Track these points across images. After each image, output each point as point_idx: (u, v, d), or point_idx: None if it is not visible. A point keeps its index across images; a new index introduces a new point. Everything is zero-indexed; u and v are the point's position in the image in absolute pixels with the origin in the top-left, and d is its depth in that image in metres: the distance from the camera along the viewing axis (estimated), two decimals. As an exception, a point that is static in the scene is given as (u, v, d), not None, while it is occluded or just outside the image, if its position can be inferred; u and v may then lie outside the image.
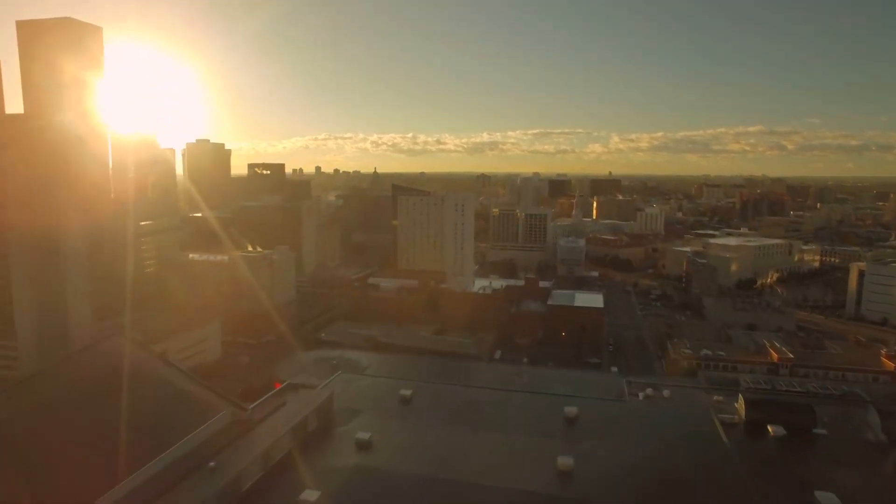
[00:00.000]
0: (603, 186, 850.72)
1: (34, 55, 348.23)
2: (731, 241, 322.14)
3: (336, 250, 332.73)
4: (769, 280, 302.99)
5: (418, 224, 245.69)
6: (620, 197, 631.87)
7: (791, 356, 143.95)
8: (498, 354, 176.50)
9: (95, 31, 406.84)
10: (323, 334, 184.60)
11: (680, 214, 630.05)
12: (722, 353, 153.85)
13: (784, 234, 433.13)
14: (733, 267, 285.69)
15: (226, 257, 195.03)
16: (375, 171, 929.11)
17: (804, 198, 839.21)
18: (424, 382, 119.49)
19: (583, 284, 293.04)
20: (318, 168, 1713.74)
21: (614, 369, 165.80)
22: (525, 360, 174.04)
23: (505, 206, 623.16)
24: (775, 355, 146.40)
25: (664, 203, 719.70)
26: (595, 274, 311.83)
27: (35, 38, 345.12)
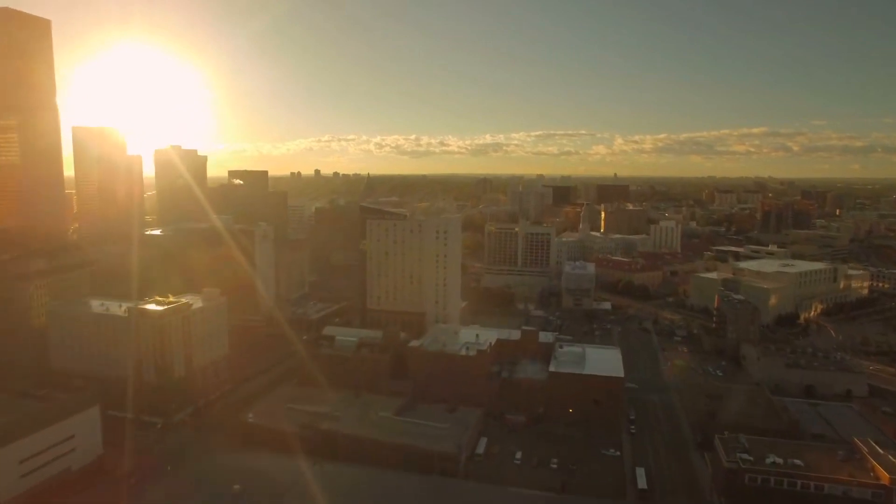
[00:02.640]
0: (610, 193, 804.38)
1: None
2: (766, 265, 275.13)
3: (305, 277, 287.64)
4: (813, 313, 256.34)
5: (391, 255, 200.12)
6: (630, 207, 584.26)
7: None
8: (482, 445, 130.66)
9: (41, 23, 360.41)
10: (251, 415, 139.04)
11: (694, 224, 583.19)
12: (798, 461, 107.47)
13: (817, 250, 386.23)
14: (772, 301, 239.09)
15: (133, 307, 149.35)
16: (368, 176, 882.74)
17: (820, 204, 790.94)
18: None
19: (593, 319, 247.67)
20: (317, 171, 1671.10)
21: (640, 474, 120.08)
22: (518, 454, 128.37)
23: (504, 217, 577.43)
24: (884, 473, 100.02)
25: (676, 211, 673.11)
26: (607, 305, 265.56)
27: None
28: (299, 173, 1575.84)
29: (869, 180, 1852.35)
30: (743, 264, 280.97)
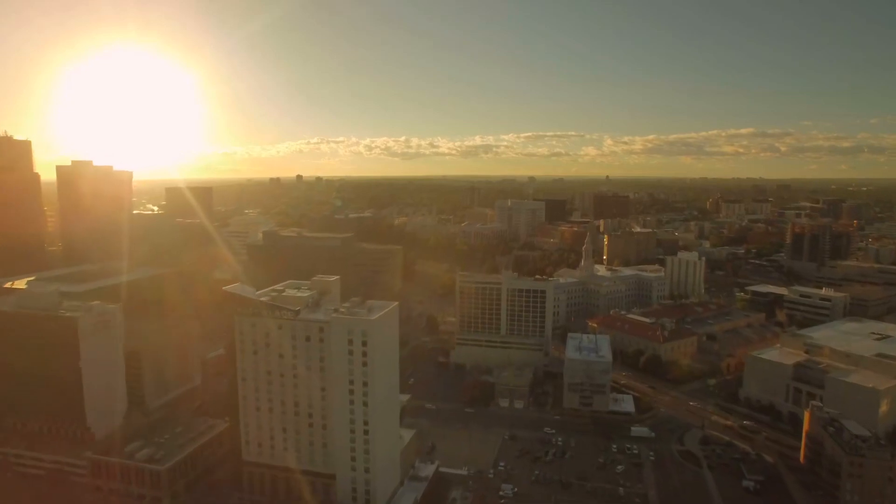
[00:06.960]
0: (608, 204, 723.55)
1: None
2: (852, 340, 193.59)
3: (198, 358, 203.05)
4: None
5: (276, 377, 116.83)
6: (637, 228, 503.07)
7: None
8: None
9: None
10: None
11: (707, 244, 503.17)
12: None
13: (881, 292, 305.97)
14: (883, 407, 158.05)
15: None
16: (339, 185, 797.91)
17: (836, 215, 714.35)
18: None
19: (610, 432, 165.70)
20: (298, 176, 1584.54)
21: None
22: None
23: (490, 236, 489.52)
24: None
25: (685, 229, 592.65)
26: (629, 404, 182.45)
27: None
28: (279, 179, 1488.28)
29: (863, 181, 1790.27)
30: (816, 335, 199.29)
